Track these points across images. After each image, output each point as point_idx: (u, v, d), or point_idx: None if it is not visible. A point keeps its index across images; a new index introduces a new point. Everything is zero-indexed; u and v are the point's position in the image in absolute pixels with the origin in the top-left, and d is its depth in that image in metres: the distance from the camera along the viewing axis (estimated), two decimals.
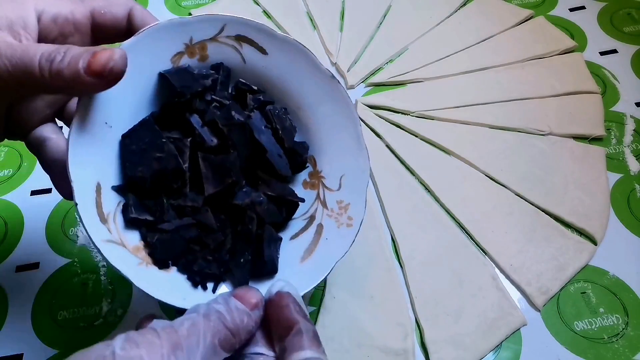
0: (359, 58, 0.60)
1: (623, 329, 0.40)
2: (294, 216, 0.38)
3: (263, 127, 0.36)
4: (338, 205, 0.37)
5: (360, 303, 0.42)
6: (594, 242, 0.45)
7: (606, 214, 0.46)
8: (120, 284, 0.44)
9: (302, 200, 0.37)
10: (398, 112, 0.55)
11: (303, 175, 0.39)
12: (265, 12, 0.66)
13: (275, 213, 0.36)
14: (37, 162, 0.45)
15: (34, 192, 0.50)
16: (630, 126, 0.52)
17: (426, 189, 0.49)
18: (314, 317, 0.42)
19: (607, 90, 0.55)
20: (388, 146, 0.52)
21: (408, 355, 0.39)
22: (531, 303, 0.42)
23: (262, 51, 0.37)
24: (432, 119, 0.54)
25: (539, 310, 0.41)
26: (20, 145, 0.38)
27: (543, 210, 0.46)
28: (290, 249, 0.37)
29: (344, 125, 0.37)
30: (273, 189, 0.36)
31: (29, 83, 0.28)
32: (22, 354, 0.41)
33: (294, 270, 0.35)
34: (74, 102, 0.37)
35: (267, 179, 0.36)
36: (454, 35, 0.61)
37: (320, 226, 0.37)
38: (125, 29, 0.35)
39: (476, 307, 0.41)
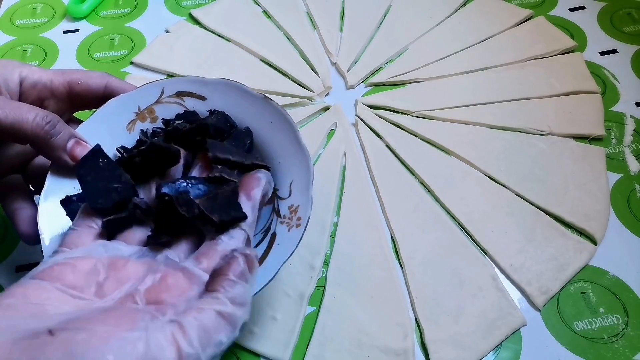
0: (359, 58, 0.60)
1: (623, 329, 0.40)
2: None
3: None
4: (289, 211, 0.38)
5: (360, 303, 0.42)
6: (594, 242, 0.45)
7: (606, 214, 0.46)
8: None
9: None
10: (398, 112, 0.55)
11: None
12: (265, 12, 0.66)
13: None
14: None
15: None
16: (630, 126, 0.52)
17: (426, 189, 0.49)
18: (314, 317, 0.42)
19: (607, 90, 0.55)
20: (388, 146, 0.52)
21: (408, 355, 0.39)
22: (531, 303, 0.42)
23: (202, 98, 0.43)
24: (432, 119, 0.54)
25: (539, 310, 0.41)
26: None
27: (543, 210, 0.46)
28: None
29: (286, 136, 0.40)
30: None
31: (14, 134, 0.34)
32: None
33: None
34: (38, 160, 0.41)
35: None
36: (454, 35, 0.61)
37: (273, 235, 0.38)
38: (100, 98, 0.40)
39: (476, 307, 0.41)
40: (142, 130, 0.42)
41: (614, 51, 0.59)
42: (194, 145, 0.39)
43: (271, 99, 0.41)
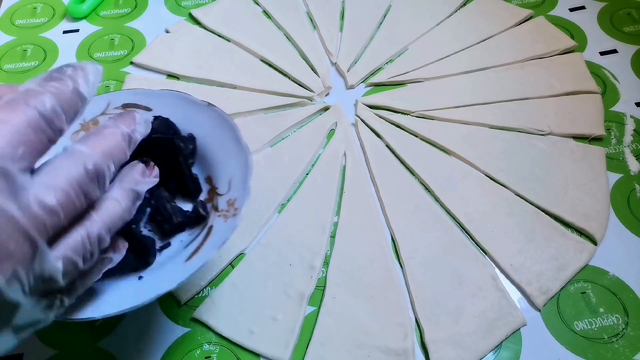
0: (359, 58, 0.60)
1: (623, 329, 0.40)
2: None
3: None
4: (227, 204, 0.40)
5: (360, 303, 0.42)
6: (594, 242, 0.45)
7: (606, 214, 0.46)
8: None
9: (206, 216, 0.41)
10: (398, 112, 0.55)
11: (203, 195, 0.43)
12: (265, 12, 0.66)
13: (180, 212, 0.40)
14: None
15: None
16: (630, 126, 0.52)
17: (426, 189, 0.49)
18: (314, 317, 0.42)
19: (607, 90, 0.55)
20: (388, 146, 0.52)
21: (408, 355, 0.39)
22: (531, 303, 0.42)
23: (147, 109, 0.45)
24: (432, 119, 0.54)
25: (539, 310, 0.41)
26: None
27: (543, 210, 0.46)
28: (180, 257, 0.38)
29: (228, 138, 0.42)
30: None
31: None
32: (22, 354, 0.41)
33: (177, 270, 0.36)
34: None
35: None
36: (454, 35, 0.61)
37: (210, 228, 0.39)
38: None
39: (476, 307, 0.41)
40: None
41: (614, 51, 0.59)
42: (136, 149, 0.40)
43: (215, 106, 0.44)
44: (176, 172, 0.42)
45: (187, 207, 0.42)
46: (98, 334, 0.42)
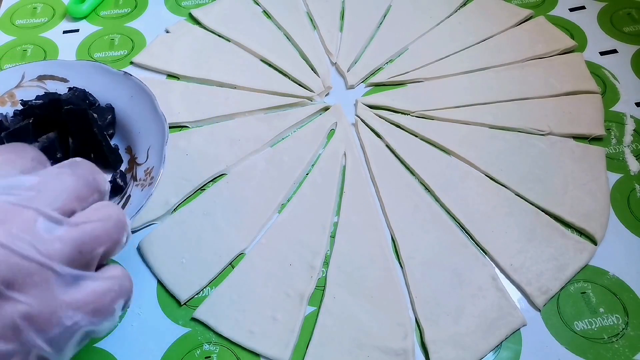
0: (359, 58, 0.60)
1: (623, 329, 0.40)
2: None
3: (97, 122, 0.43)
4: (145, 173, 0.41)
5: (360, 303, 0.42)
6: (594, 242, 0.45)
7: (606, 214, 0.46)
8: None
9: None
10: (398, 112, 0.55)
11: (123, 165, 0.44)
12: (265, 12, 0.66)
13: None
14: None
15: None
16: (630, 126, 0.52)
17: (426, 189, 0.49)
18: (314, 317, 0.42)
19: (607, 90, 0.55)
20: (388, 146, 0.52)
21: (408, 355, 0.39)
22: (531, 303, 0.42)
23: (64, 80, 0.46)
24: (432, 119, 0.54)
25: (539, 310, 0.41)
26: None
27: (543, 210, 0.46)
28: None
29: (145, 107, 0.43)
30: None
31: None
32: None
33: None
34: None
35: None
36: (454, 35, 0.61)
37: (128, 197, 0.40)
38: None
39: (476, 307, 0.41)
40: (21, 100, 0.44)
41: (614, 51, 0.59)
42: (50, 123, 0.42)
43: (131, 75, 0.45)
44: (95, 144, 0.42)
45: (109, 176, 0.42)
46: None
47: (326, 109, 0.56)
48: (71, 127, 0.42)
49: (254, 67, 0.60)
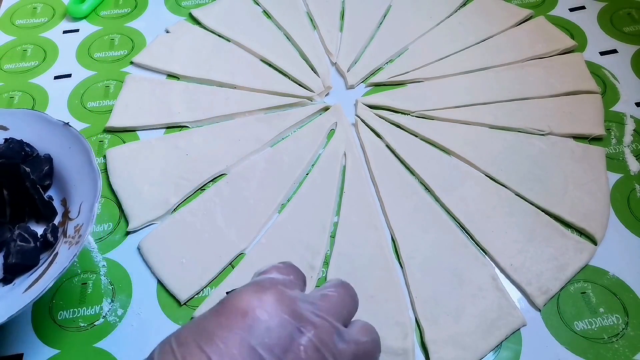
0: (359, 58, 0.60)
1: (623, 329, 0.40)
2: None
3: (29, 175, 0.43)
4: (74, 230, 0.40)
5: (360, 303, 0.42)
6: (594, 242, 0.45)
7: (606, 214, 0.46)
8: (120, 284, 0.44)
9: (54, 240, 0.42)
10: (398, 112, 0.55)
11: (57, 218, 0.44)
12: (265, 12, 0.66)
13: (29, 252, 0.41)
14: None
15: None
16: (630, 126, 0.52)
17: (426, 189, 0.49)
18: None
19: (607, 90, 0.55)
20: (388, 146, 0.52)
21: (408, 355, 0.39)
22: (531, 303, 0.42)
23: (3, 128, 0.46)
24: (432, 119, 0.54)
25: (539, 310, 0.41)
26: None
27: (543, 210, 0.46)
28: (22, 286, 0.39)
29: (81, 159, 0.43)
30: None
31: None
32: (22, 354, 0.41)
33: (15, 300, 0.37)
34: None
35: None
36: (454, 35, 0.61)
37: (55, 254, 0.40)
38: None
39: (476, 307, 0.41)
40: None
41: (614, 51, 0.59)
42: None
43: (71, 126, 0.45)
44: (28, 196, 0.42)
45: (40, 230, 0.42)
46: (98, 334, 0.42)
47: (326, 109, 0.56)
48: (3, 180, 0.42)
49: (254, 67, 0.60)
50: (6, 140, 0.45)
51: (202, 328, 0.26)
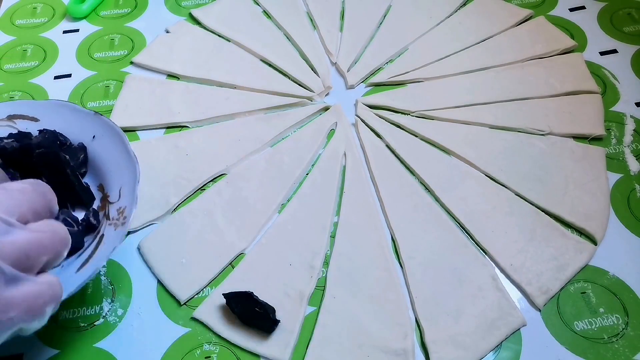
0: (359, 58, 0.60)
1: (623, 329, 0.40)
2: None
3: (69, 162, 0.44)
4: (117, 212, 0.41)
5: (360, 303, 0.42)
6: (594, 242, 0.45)
7: (606, 214, 0.46)
8: (120, 284, 0.44)
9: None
10: (398, 112, 0.55)
11: (96, 202, 0.45)
12: (265, 12, 0.66)
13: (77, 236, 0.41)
14: None
15: None
16: (630, 126, 0.52)
17: (426, 189, 0.49)
18: (314, 317, 0.42)
19: (607, 90, 0.55)
20: (388, 146, 0.52)
21: (408, 355, 0.39)
22: (531, 303, 0.42)
23: (34, 119, 0.47)
24: (432, 119, 0.54)
25: (539, 310, 0.41)
26: None
27: (543, 210, 0.46)
28: (72, 267, 0.40)
29: (116, 146, 0.45)
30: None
31: None
32: (22, 354, 0.41)
33: (69, 280, 0.38)
34: None
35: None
36: (454, 35, 0.61)
37: (102, 236, 0.41)
38: None
39: (476, 307, 0.41)
40: None
41: (614, 51, 0.59)
42: (22, 165, 0.43)
43: (101, 115, 0.46)
44: (67, 184, 0.43)
45: (82, 215, 0.43)
46: (98, 334, 0.42)
47: (326, 109, 0.56)
48: (43, 169, 0.43)
49: (254, 67, 0.60)
50: (40, 131, 0.45)
51: None
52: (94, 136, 0.46)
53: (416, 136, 0.53)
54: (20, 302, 0.27)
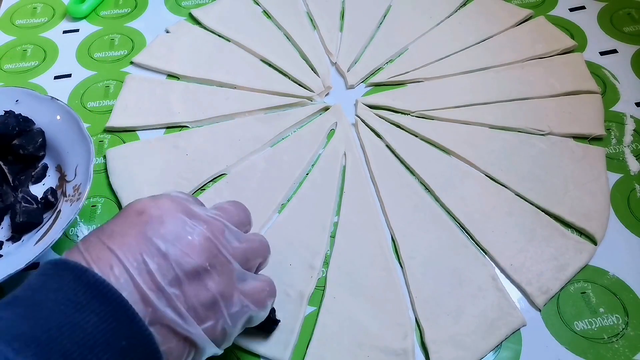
0: (359, 58, 0.60)
1: (623, 329, 0.40)
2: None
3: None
4: (73, 190, 0.45)
5: (360, 303, 0.42)
6: (594, 242, 0.45)
7: (606, 214, 0.46)
8: None
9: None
10: (398, 112, 0.55)
11: (54, 182, 0.48)
12: (265, 12, 0.66)
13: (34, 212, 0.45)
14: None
15: None
16: (630, 126, 0.52)
17: (426, 189, 0.49)
18: (314, 317, 0.42)
19: (607, 90, 0.55)
20: (388, 146, 0.52)
21: (408, 355, 0.39)
22: (531, 303, 0.42)
23: None
24: (432, 119, 0.54)
25: (539, 310, 0.41)
26: None
27: (543, 210, 0.46)
28: (32, 241, 0.44)
29: (72, 128, 0.47)
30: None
31: None
32: None
33: (28, 252, 0.41)
34: None
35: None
36: (454, 35, 0.61)
37: (59, 212, 0.44)
38: None
39: (476, 307, 0.41)
40: None
41: (614, 51, 0.59)
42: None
43: (57, 99, 0.49)
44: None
45: (41, 193, 0.46)
46: None
47: (326, 109, 0.56)
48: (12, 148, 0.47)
49: (254, 67, 0.60)
50: (6, 112, 0.48)
51: (104, 228, 0.30)
52: (58, 117, 0.48)
53: (416, 136, 0.53)
54: (250, 293, 0.33)
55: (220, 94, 0.57)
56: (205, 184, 0.50)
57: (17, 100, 0.50)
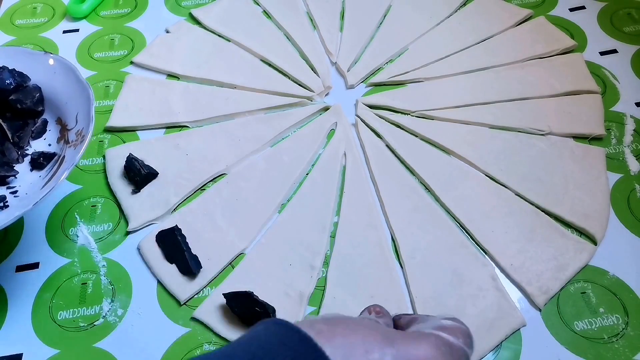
0: (359, 58, 0.60)
1: (623, 329, 0.40)
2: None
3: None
4: (76, 135, 0.45)
5: (360, 303, 0.42)
6: (594, 242, 0.45)
7: (606, 214, 0.46)
8: (120, 284, 0.44)
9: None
10: (398, 112, 0.55)
11: (55, 134, 0.48)
12: (265, 12, 0.66)
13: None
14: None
15: None
16: (630, 126, 0.52)
17: (426, 189, 0.49)
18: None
19: (607, 90, 0.55)
20: (388, 146, 0.52)
21: None
22: (531, 303, 0.42)
23: None
24: (432, 119, 0.54)
25: (539, 310, 0.41)
26: None
27: (543, 210, 0.46)
28: (37, 186, 0.44)
29: (69, 79, 0.47)
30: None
31: None
32: (22, 354, 0.41)
33: (35, 195, 0.42)
34: None
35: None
36: (454, 35, 0.61)
37: (62, 158, 0.44)
38: None
39: (476, 307, 0.41)
40: None
41: (614, 51, 0.59)
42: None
43: (50, 53, 0.49)
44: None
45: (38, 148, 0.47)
46: (98, 334, 0.42)
47: (326, 109, 0.56)
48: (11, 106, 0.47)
49: (254, 67, 0.60)
50: (0, 67, 0.48)
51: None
52: (54, 72, 0.48)
53: (416, 136, 0.53)
54: None
55: (220, 94, 0.57)
56: (205, 184, 0.50)
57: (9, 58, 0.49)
